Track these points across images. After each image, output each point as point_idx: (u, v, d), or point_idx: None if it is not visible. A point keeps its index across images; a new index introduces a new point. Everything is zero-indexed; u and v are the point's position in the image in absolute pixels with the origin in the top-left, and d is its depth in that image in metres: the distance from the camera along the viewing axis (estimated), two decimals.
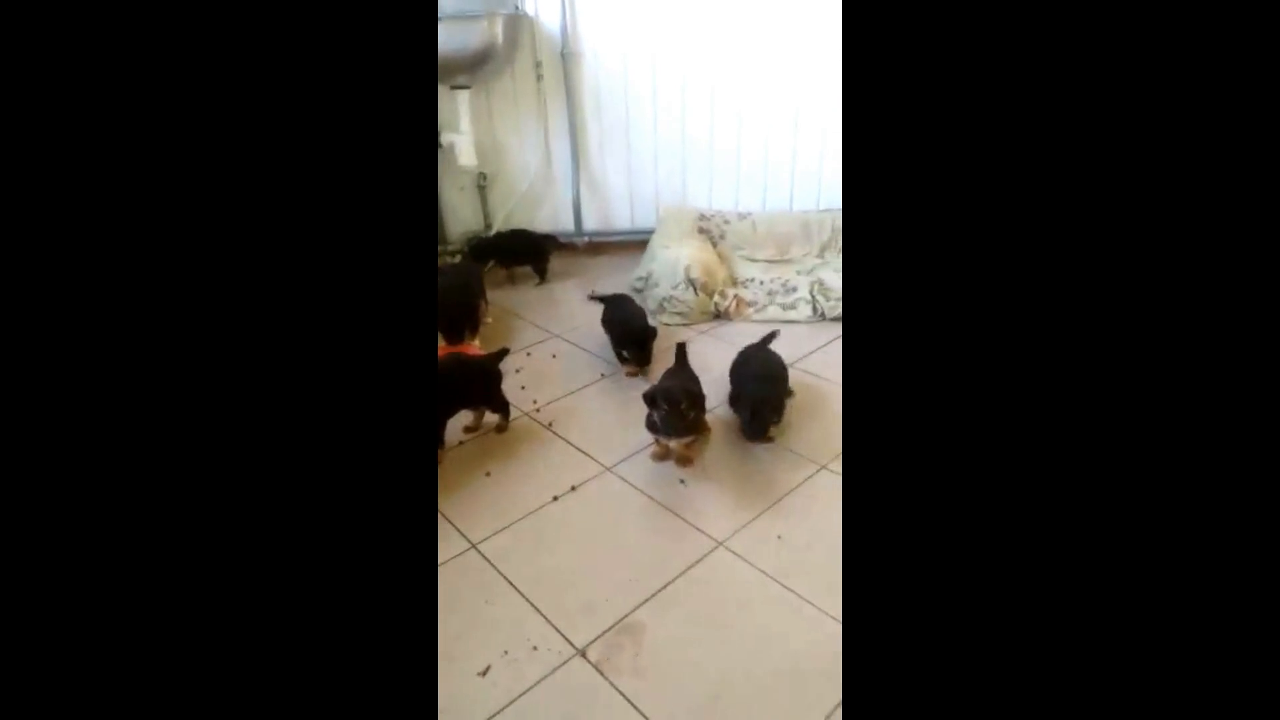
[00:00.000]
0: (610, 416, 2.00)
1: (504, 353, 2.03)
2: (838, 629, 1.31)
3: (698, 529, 1.57)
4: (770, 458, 1.80)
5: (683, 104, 2.89)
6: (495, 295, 2.61)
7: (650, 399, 1.71)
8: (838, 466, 1.75)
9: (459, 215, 3.13)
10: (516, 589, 1.43)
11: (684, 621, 1.35)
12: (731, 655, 1.28)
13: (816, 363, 2.23)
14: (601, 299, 2.41)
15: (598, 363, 2.24)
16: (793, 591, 1.40)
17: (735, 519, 1.60)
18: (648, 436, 1.84)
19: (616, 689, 1.22)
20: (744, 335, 2.41)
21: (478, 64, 2.62)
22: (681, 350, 2.00)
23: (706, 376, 1.94)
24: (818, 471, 1.74)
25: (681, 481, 1.72)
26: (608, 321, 2.29)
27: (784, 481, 1.71)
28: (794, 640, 1.30)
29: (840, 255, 2.88)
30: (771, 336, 2.12)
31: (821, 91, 2.82)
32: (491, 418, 1.96)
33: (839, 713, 1.16)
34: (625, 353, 2.19)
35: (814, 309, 2.50)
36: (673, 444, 1.76)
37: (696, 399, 1.74)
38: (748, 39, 2.76)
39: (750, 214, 2.99)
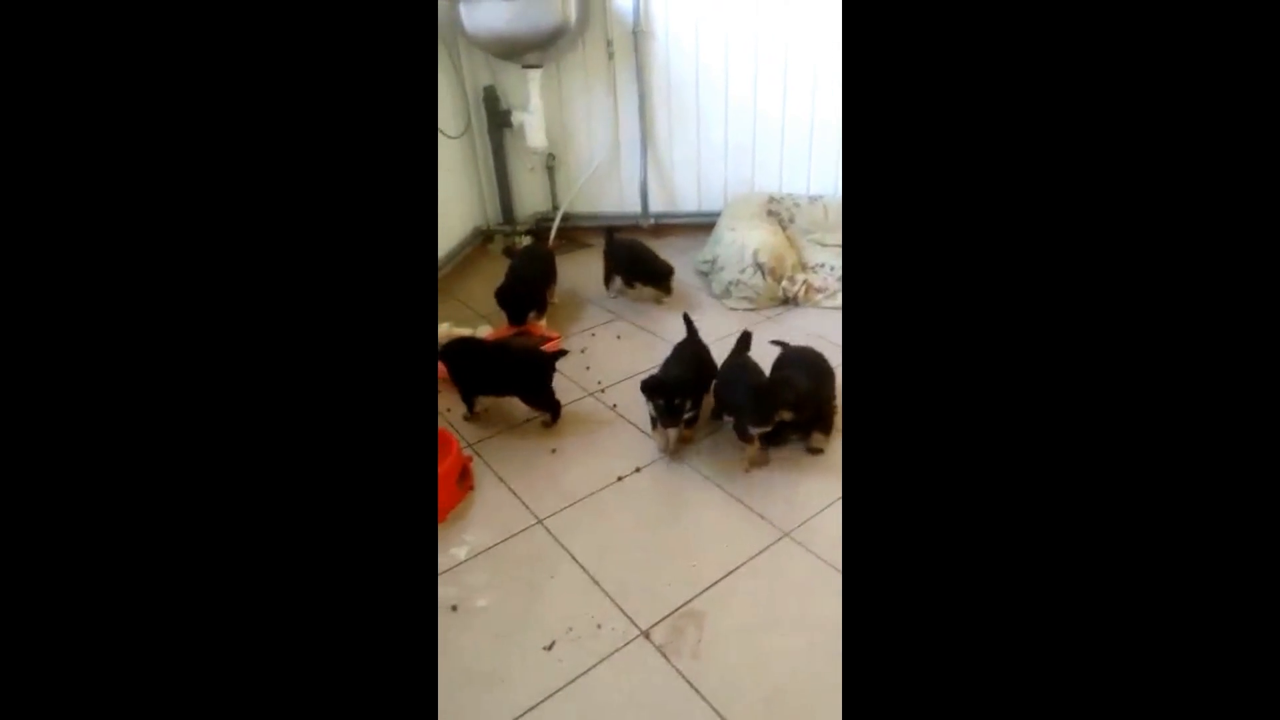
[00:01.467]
0: None
1: (560, 354, 1.95)
2: None
3: (762, 517, 1.55)
4: (841, 449, 1.75)
5: (754, 82, 2.81)
6: (561, 275, 2.63)
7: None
8: None
9: (527, 196, 3.16)
10: (582, 566, 1.45)
11: (748, 610, 1.33)
12: (796, 647, 1.25)
13: None
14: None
15: (661, 345, 2.23)
16: None
17: (802, 510, 1.57)
18: (712, 422, 1.83)
19: (680, 673, 1.22)
20: (814, 322, 2.36)
21: (550, 42, 2.61)
22: (744, 340, 1.91)
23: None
24: None
25: (746, 470, 1.70)
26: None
27: None
28: None
29: None
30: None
31: None
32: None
33: None
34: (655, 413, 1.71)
35: None
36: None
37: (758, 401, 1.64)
38: (823, 15, 2.66)
39: (822, 197, 2.90)
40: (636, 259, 2.56)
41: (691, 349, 1.90)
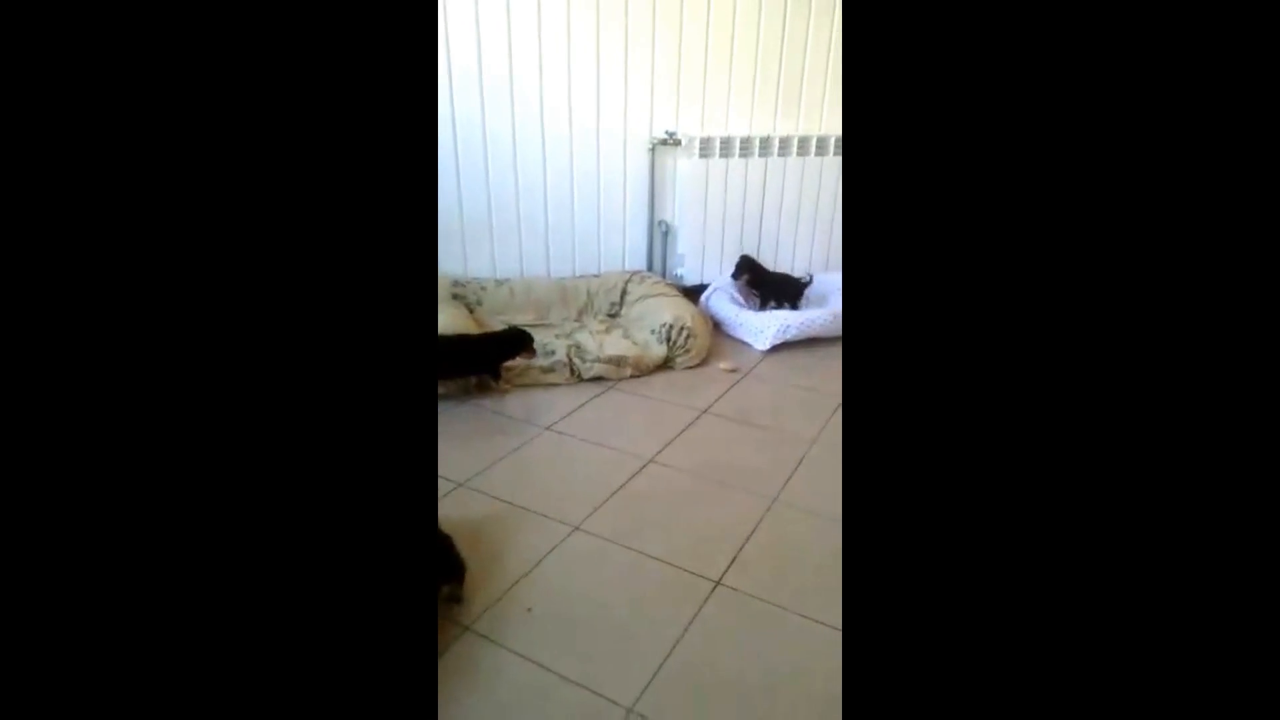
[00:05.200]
0: None
1: None
2: (604, 707, 1.24)
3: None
4: (516, 525, 1.72)
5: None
6: None
7: None
8: (590, 526, 1.72)
9: None
10: None
11: None
12: None
13: (573, 424, 2.24)
14: None
15: None
16: (549, 668, 1.31)
17: (483, 597, 1.48)
18: None
19: None
20: (504, 401, 2.35)
21: None
22: None
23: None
24: (571, 533, 1.70)
25: None
26: None
27: (533, 550, 1.64)
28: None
29: (596, 318, 2.98)
30: None
31: (581, 159, 2.96)
32: None
33: None
34: None
35: (571, 371, 2.53)
36: None
37: None
38: (512, 104, 2.82)
39: (508, 280, 2.98)
40: None
41: None
